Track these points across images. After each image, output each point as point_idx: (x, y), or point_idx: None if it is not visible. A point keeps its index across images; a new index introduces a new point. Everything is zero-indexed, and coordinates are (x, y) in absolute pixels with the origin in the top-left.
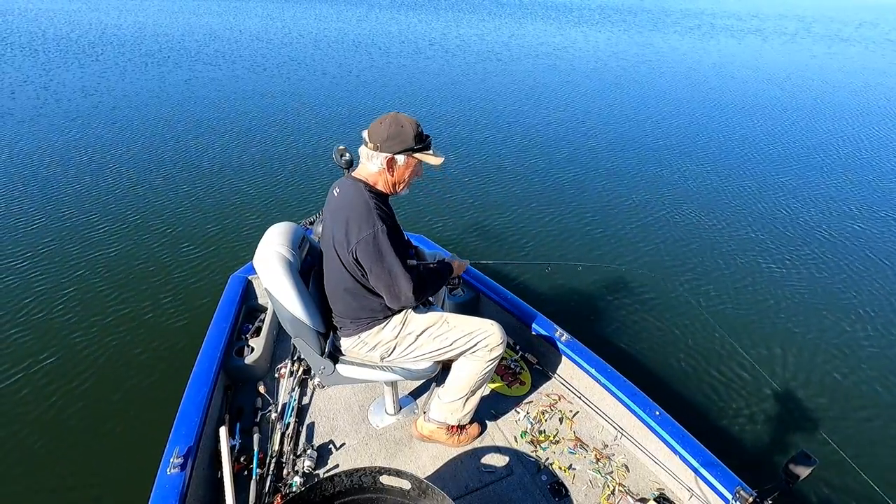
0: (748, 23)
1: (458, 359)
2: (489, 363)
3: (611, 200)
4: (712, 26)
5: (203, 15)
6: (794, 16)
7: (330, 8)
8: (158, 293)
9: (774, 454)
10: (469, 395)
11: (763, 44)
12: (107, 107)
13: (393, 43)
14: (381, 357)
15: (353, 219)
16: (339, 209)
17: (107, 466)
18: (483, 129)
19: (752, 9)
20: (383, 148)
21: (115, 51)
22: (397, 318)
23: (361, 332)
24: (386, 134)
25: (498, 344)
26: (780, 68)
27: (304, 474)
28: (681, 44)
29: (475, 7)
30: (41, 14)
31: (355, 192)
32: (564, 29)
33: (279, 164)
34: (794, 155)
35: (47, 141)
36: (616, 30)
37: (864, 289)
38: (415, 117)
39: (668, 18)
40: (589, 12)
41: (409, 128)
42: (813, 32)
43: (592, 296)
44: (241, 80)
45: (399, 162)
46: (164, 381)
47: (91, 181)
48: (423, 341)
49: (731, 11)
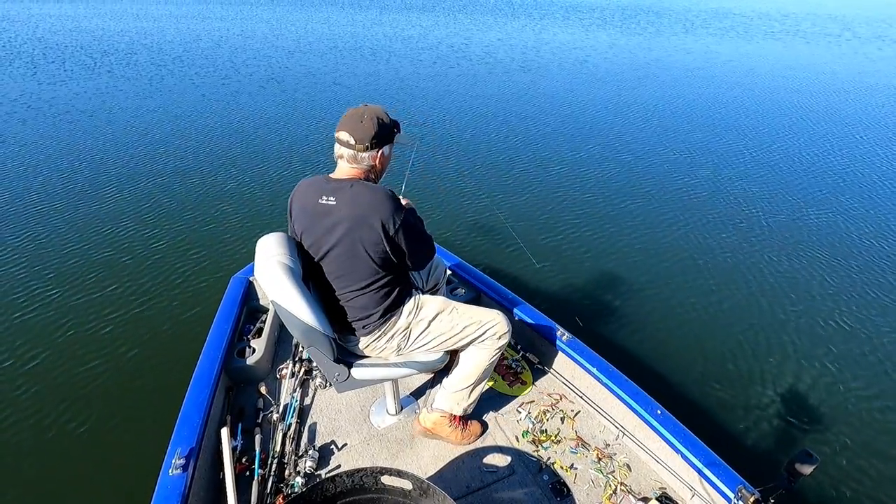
0: (780, 24)
1: (467, 348)
2: (496, 351)
3: (611, 200)
4: (750, 28)
5: (203, 19)
6: (828, 16)
7: (330, 10)
8: (159, 294)
9: (776, 453)
10: (476, 383)
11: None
12: (107, 107)
13: (399, 47)
14: (398, 347)
15: (387, 211)
16: (360, 211)
17: (108, 468)
18: (492, 127)
19: (779, 8)
20: (373, 146)
21: (114, 53)
22: (409, 305)
23: (380, 327)
24: (373, 131)
25: (505, 332)
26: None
27: (305, 475)
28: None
29: (478, 8)
30: (29, 21)
31: (366, 189)
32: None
33: (279, 164)
34: (810, 158)
35: (47, 142)
36: (614, 30)
37: (868, 288)
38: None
39: (698, 19)
40: (603, 13)
41: (386, 118)
42: (859, 35)
43: (594, 295)
44: (242, 80)
45: (386, 153)
46: (166, 382)
47: (91, 183)
48: (435, 326)
49: (762, 11)
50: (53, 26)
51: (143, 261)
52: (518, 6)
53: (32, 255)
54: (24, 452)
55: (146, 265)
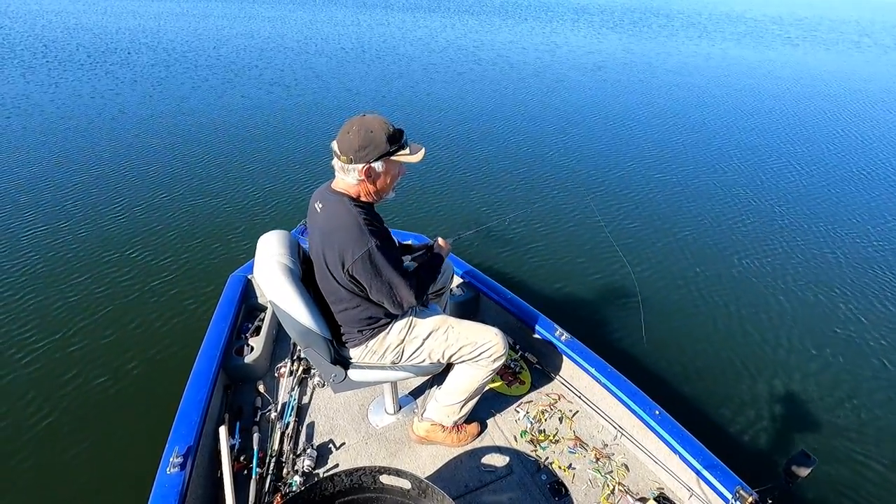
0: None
1: (461, 364)
2: (490, 372)
3: (611, 200)
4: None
5: (201, 19)
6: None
7: (329, 12)
8: (158, 292)
9: (774, 454)
10: (468, 399)
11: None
12: (107, 108)
13: (400, 47)
14: (392, 362)
15: (346, 240)
16: (327, 231)
17: (106, 466)
18: (493, 126)
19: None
20: (357, 159)
21: (113, 53)
22: (401, 323)
23: (368, 342)
24: (357, 144)
25: (501, 355)
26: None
27: (303, 473)
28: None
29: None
30: (30, 19)
31: (342, 209)
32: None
33: (279, 164)
34: (799, 155)
35: (47, 143)
36: (625, 33)
37: (866, 289)
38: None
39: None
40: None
41: (380, 131)
42: (880, 43)
43: (593, 295)
44: (241, 81)
45: (377, 169)
46: (164, 380)
47: (91, 183)
48: (429, 344)
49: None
50: (52, 22)
51: (142, 259)
52: (541, 8)
53: (30, 253)
54: (22, 451)
55: (144, 264)
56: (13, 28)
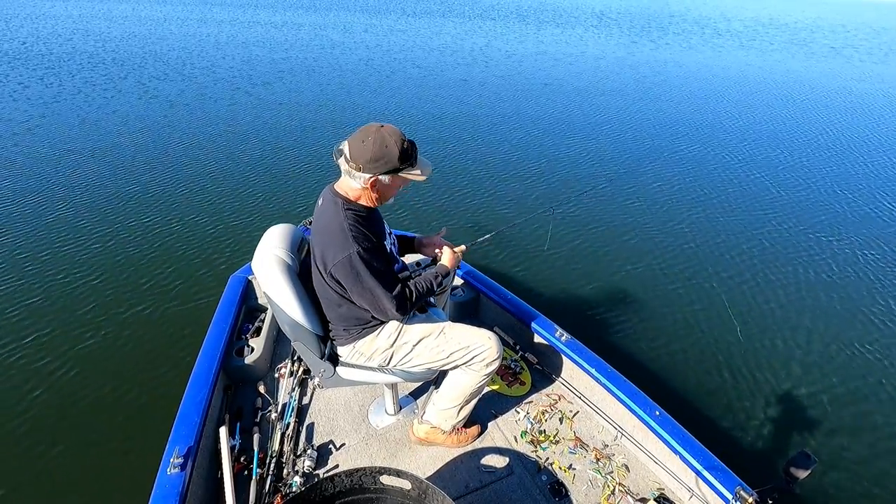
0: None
1: (454, 370)
2: (484, 377)
3: (609, 201)
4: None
5: (201, 21)
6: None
7: (330, 13)
8: (159, 293)
9: (774, 454)
10: (464, 403)
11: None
12: (106, 109)
13: (399, 47)
14: (379, 366)
15: (329, 243)
16: (317, 231)
17: (106, 467)
18: (497, 127)
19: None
20: (366, 169)
21: (113, 55)
22: (391, 326)
23: (356, 342)
24: (370, 155)
25: (494, 359)
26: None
27: (304, 474)
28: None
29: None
30: (31, 23)
31: (333, 212)
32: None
33: (279, 164)
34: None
35: (47, 143)
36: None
37: (865, 290)
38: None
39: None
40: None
41: (394, 147)
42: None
43: (593, 296)
44: (243, 80)
45: (384, 182)
46: (164, 381)
47: (91, 183)
48: (419, 351)
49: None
50: (56, 28)
51: (142, 260)
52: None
53: (30, 254)
54: (22, 451)
55: (144, 265)
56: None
